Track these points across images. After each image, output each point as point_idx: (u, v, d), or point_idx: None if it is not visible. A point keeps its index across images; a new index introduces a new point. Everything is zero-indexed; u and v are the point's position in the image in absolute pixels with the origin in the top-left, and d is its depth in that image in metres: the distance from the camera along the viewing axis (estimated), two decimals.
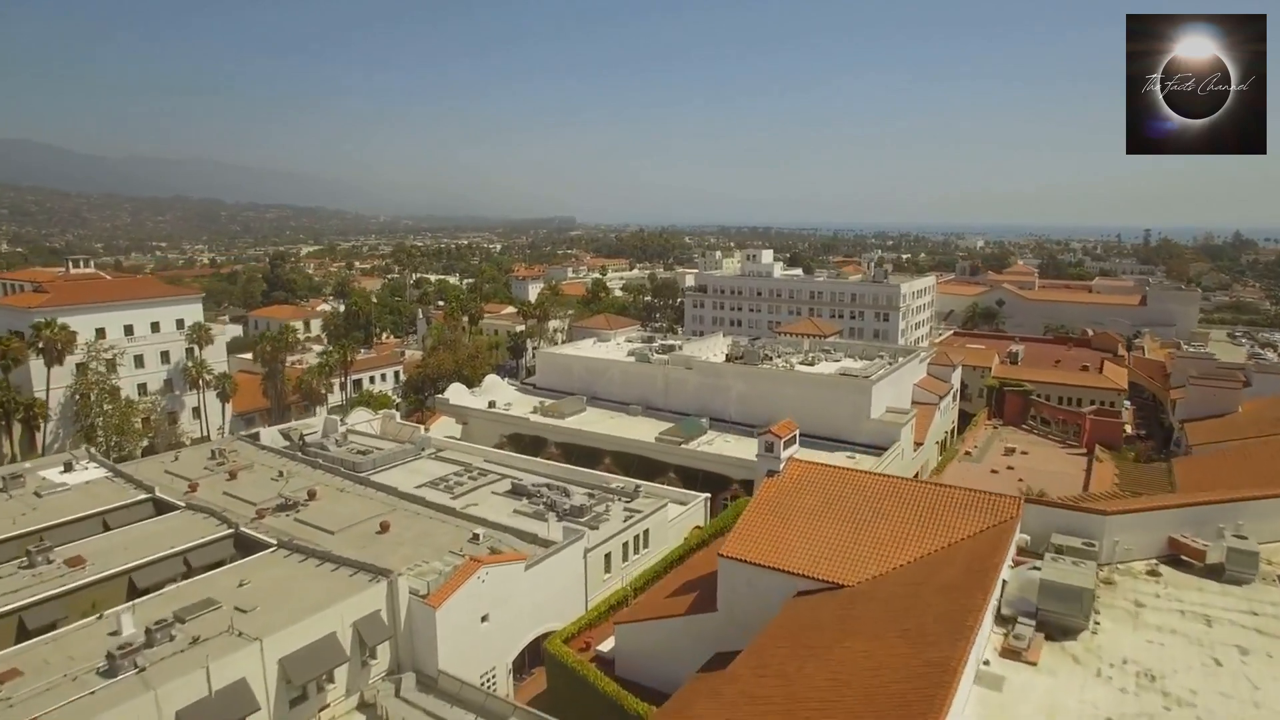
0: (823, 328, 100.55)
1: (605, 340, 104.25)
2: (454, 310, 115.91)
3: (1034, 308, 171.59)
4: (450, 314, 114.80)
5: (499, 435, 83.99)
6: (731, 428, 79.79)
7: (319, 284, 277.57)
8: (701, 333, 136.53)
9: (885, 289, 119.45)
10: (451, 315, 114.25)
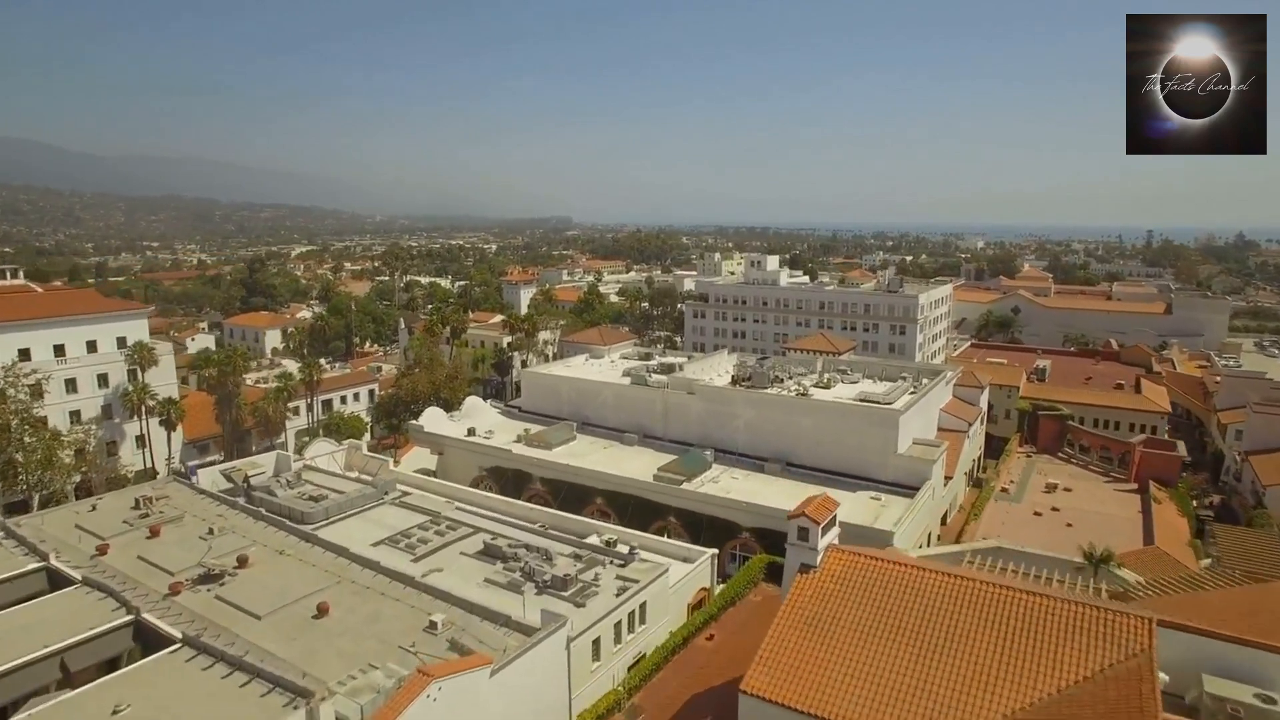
0: (836, 343, 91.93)
1: (598, 357, 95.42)
2: (434, 323, 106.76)
3: (1051, 315, 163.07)
4: (430, 327, 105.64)
5: (478, 468, 75.26)
6: (739, 460, 71.12)
7: (305, 287, 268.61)
8: (702, 345, 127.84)
9: (902, 300, 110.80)
10: (432, 329, 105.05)
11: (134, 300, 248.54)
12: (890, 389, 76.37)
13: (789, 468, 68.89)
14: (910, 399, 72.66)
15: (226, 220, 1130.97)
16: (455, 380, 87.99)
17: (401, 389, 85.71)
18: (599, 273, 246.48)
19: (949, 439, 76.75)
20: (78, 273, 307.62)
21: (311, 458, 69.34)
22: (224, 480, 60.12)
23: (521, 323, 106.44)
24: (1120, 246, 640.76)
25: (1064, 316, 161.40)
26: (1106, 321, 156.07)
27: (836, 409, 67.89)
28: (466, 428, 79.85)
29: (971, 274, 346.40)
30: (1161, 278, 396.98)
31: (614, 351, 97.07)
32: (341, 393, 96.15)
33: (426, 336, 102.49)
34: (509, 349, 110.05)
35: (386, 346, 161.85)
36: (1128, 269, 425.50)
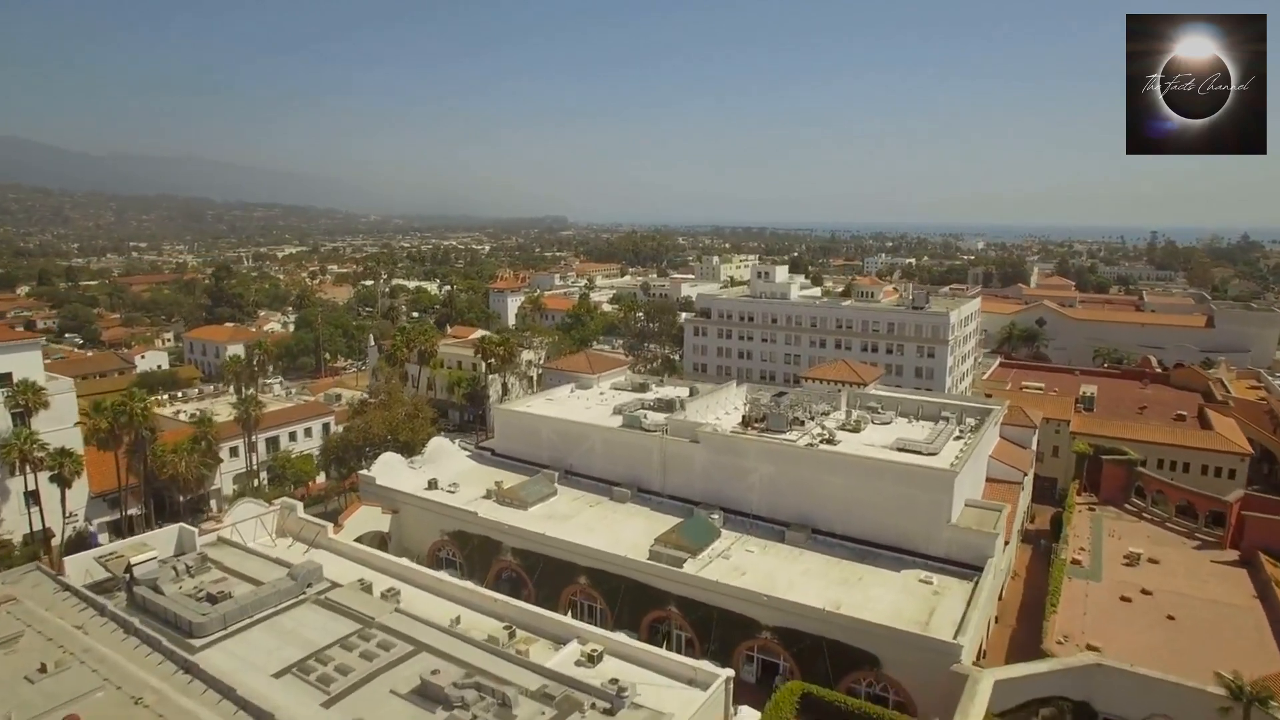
0: (861, 372, 79.42)
1: (586, 387, 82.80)
2: (398, 347, 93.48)
3: (1079, 328, 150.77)
4: (394, 352, 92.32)
5: (440, 530, 62.70)
6: (754, 525, 58.62)
7: (283, 293, 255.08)
8: (704, 366, 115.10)
9: (930, 319, 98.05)
10: (395, 354, 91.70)
11: (100, 307, 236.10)
12: (932, 434, 64.00)
13: (816, 536, 56.48)
14: (959, 450, 60.29)
15: (218, 220, 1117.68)
16: (417, 419, 75.28)
17: (352, 432, 72.77)
18: (591, 279, 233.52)
19: (1001, 493, 64.51)
20: (47, 276, 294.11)
21: (233, 524, 56.72)
22: (100, 569, 47.38)
23: (496, 347, 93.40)
24: (1123, 247, 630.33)
25: (1093, 330, 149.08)
26: (1141, 335, 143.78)
27: (874, 467, 55.31)
28: (428, 478, 67.22)
29: (980, 279, 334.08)
30: (1173, 281, 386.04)
31: (604, 381, 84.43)
32: (290, 428, 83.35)
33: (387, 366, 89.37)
34: (484, 375, 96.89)
35: (360, 362, 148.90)
36: (1135, 271, 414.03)
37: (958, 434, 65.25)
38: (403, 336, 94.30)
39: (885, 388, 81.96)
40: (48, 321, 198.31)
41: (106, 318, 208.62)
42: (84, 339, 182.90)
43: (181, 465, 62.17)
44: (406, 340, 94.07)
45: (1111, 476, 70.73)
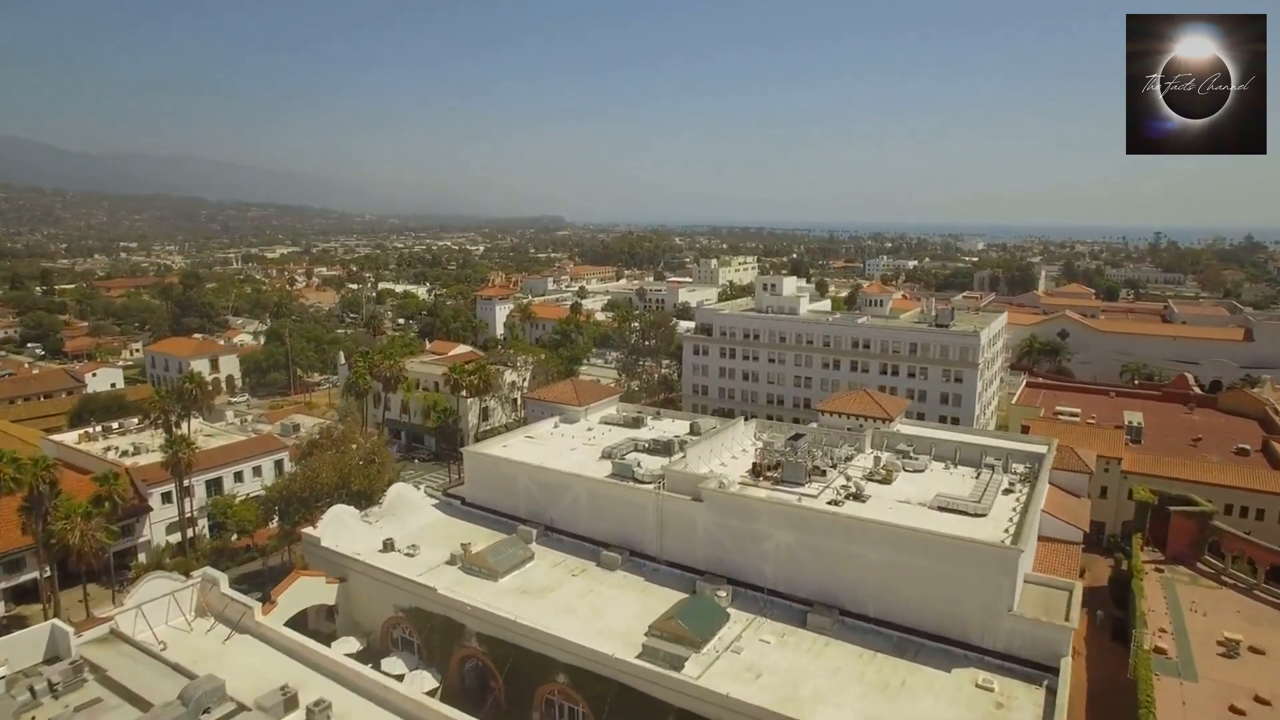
0: (885, 404, 69.39)
1: (572, 420, 72.78)
2: (360, 374, 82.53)
3: (1104, 341, 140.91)
4: (358, 378, 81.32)
5: (394, 606, 52.65)
6: (769, 604, 48.68)
7: (265, 298, 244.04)
8: (705, 388, 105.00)
9: (958, 339, 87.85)
10: (358, 382, 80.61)
11: (69, 314, 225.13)
12: (977, 487, 54.13)
13: (845, 619, 46.51)
14: (1011, 508, 50.52)
15: (212, 220, 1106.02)
16: (374, 463, 64.97)
17: (295, 481, 62.29)
18: (583, 287, 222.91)
19: (1059, 557, 54.81)
20: (19, 280, 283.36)
21: (137, 606, 46.65)
22: None
23: (469, 375, 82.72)
24: (1125, 248, 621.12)
25: (1120, 343, 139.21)
26: (1172, 349, 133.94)
27: (916, 540, 45.25)
28: (384, 537, 57.11)
29: (985, 283, 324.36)
30: (1182, 284, 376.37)
31: (593, 413, 74.35)
32: (236, 467, 73.15)
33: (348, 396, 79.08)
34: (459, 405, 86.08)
35: (335, 377, 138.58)
36: (1141, 273, 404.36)
37: (1006, 485, 55.39)
38: (365, 362, 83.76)
39: (911, 422, 72.12)
40: (9, 330, 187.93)
41: (74, 326, 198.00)
42: (46, 350, 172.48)
43: (75, 536, 51.84)
44: (370, 366, 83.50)
45: (1181, 531, 60.76)
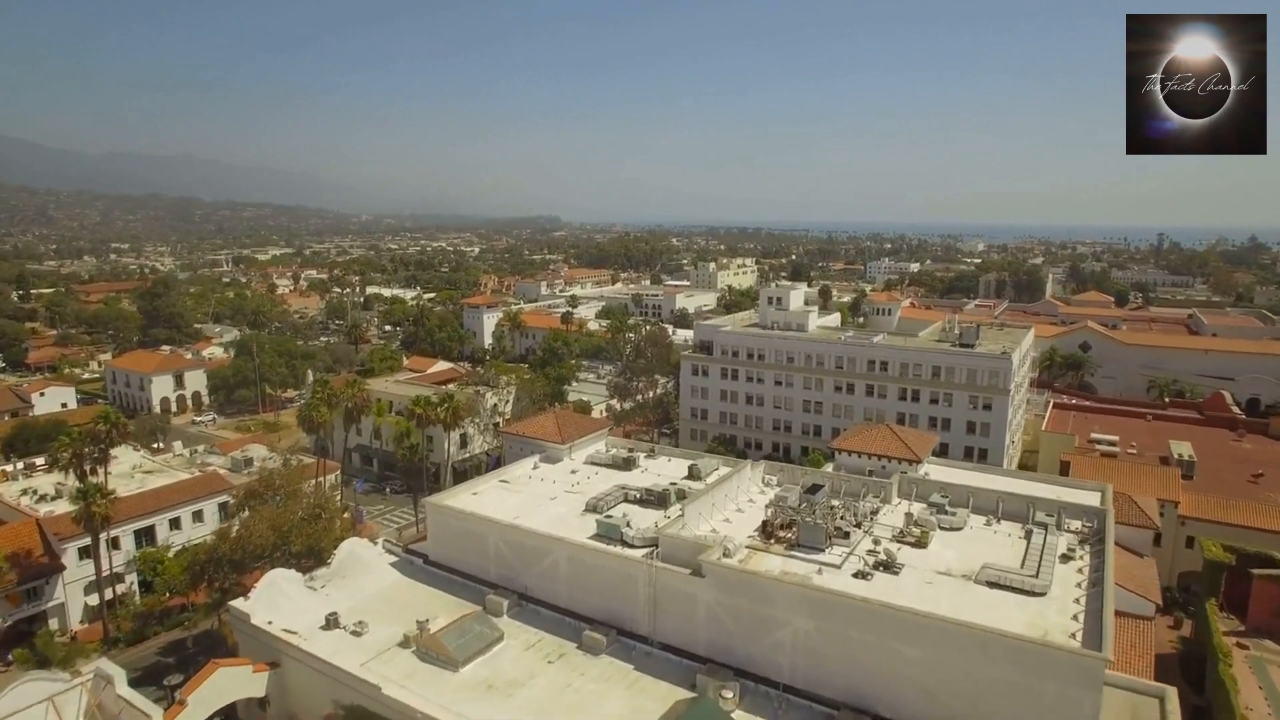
0: (912, 442, 60.59)
1: (554, 459, 63.98)
2: (315, 405, 72.78)
3: (1129, 354, 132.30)
4: (312, 411, 71.68)
5: (332, 701, 43.80)
6: (786, 707, 39.96)
7: (247, 305, 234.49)
8: (704, 412, 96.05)
9: (988, 362, 78.77)
10: (313, 414, 71.04)
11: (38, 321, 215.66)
12: (1029, 554, 45.53)
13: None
14: (1077, 582, 41.94)
15: (206, 220, 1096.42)
16: (321, 519, 55.50)
17: (225, 542, 52.84)
18: (573, 296, 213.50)
19: (1127, 633, 46.30)
20: None
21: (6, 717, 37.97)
22: None
23: (435, 408, 73.52)
24: (1128, 249, 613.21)
25: (1147, 356, 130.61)
26: (1204, 363, 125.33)
27: (969, 639, 36.48)
28: (329, 611, 48.27)
29: (991, 287, 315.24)
30: (1191, 287, 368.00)
31: (578, 450, 65.51)
32: (172, 512, 63.98)
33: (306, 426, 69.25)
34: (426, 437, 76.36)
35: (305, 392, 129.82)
36: (1147, 276, 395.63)
37: (1064, 549, 46.70)
38: (322, 391, 74.31)
39: (940, 462, 63.47)
40: None
41: (41, 335, 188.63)
42: (6, 361, 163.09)
43: None
44: (327, 397, 74.12)
45: (1265, 597, 52.18)
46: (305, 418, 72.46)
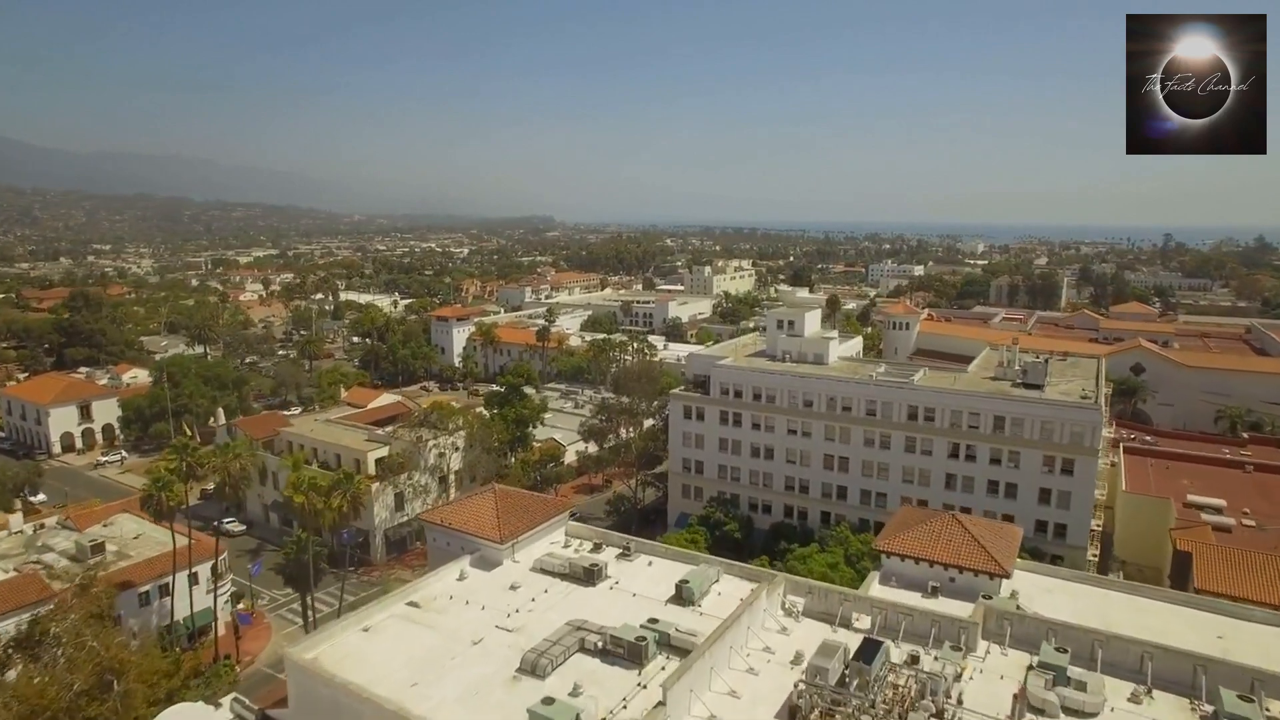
0: (992, 543, 42.69)
1: (491, 564, 45.90)
2: (167, 481, 51.85)
3: (1190, 377, 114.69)
4: (159, 489, 50.92)
5: None
6: None
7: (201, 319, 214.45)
8: (699, 466, 77.74)
9: (1070, 414, 59.94)
10: (161, 495, 50.68)
11: None
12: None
13: None
14: None
15: (195, 220, 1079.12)
16: (112, 688, 36.82)
17: None
18: (550, 310, 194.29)
19: None
20: None
21: None
22: None
23: (325, 496, 54.98)
24: (1132, 249, 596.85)
25: (1210, 380, 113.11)
26: (1272, 386, 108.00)
27: None
28: None
29: (1004, 293, 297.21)
30: (1210, 290, 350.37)
31: (524, 549, 47.39)
32: None
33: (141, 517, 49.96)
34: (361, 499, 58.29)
35: None
36: (1158, 278, 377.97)
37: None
38: (179, 461, 54.75)
39: (1029, 566, 45.54)
40: None
41: None
42: None
43: None
44: (186, 465, 54.48)
45: None
46: (149, 499, 53.65)
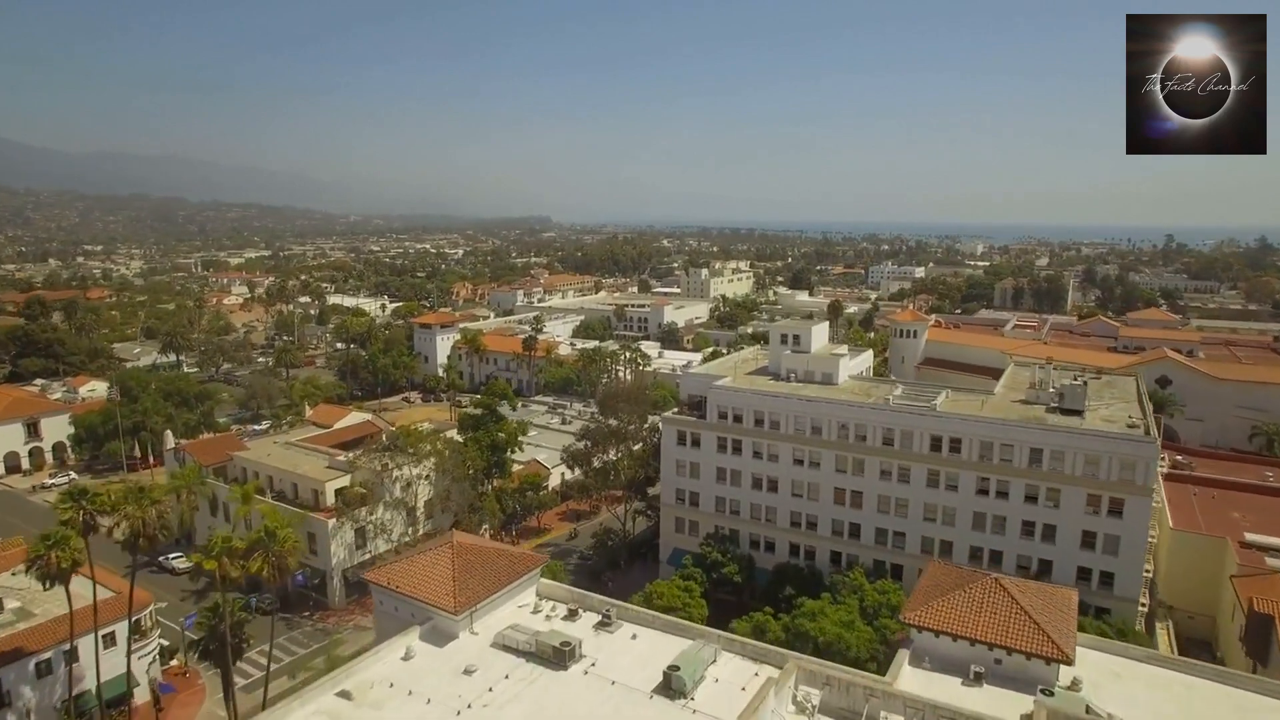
0: (1049, 620, 35.09)
1: (445, 638, 38.15)
2: (57, 536, 42.25)
3: (1221, 391, 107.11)
4: (43, 546, 41.25)
5: None
6: None
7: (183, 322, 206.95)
8: (693, 498, 69.78)
9: (1118, 445, 51.84)
10: (50, 548, 41.73)
11: None
12: None
13: None
14: None
15: (190, 221, 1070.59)
16: None
17: None
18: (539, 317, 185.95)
19: None
20: None
21: None
22: None
23: (264, 549, 47.14)
24: (1132, 250, 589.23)
25: (1245, 394, 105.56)
26: None
27: None
28: None
29: (1008, 296, 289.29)
30: (1219, 293, 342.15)
31: (484, 618, 39.69)
32: None
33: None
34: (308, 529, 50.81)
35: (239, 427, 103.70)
36: (1163, 280, 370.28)
37: None
38: (74, 510, 45.70)
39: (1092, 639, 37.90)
40: None
41: None
42: None
43: None
44: (85, 516, 45.08)
45: None
46: (35, 560, 45.16)
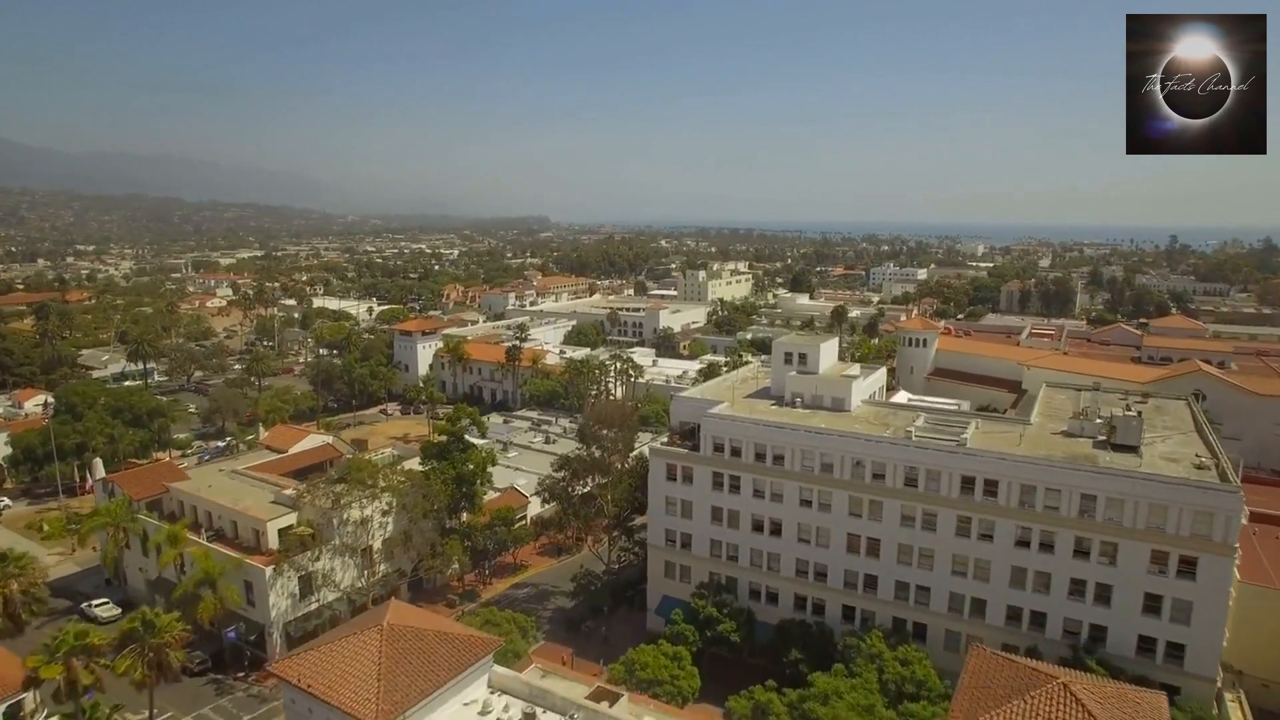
0: None
1: None
2: None
3: (1262, 408, 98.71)
4: None
5: None
6: None
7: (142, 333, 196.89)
8: (686, 539, 60.80)
9: (1191, 494, 43.25)
10: None
11: None
12: None
13: None
14: None
15: (186, 221, 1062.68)
16: None
17: None
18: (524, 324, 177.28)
19: None
20: None
21: None
22: None
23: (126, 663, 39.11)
24: (1134, 250, 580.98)
25: (1274, 407, 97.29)
26: None
27: None
28: None
29: (1015, 299, 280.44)
30: (1228, 295, 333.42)
31: None
32: None
33: None
34: (244, 577, 42.31)
35: None
36: (1170, 281, 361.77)
37: None
38: None
39: None
40: None
41: None
42: None
43: None
44: None
45: None
46: None
